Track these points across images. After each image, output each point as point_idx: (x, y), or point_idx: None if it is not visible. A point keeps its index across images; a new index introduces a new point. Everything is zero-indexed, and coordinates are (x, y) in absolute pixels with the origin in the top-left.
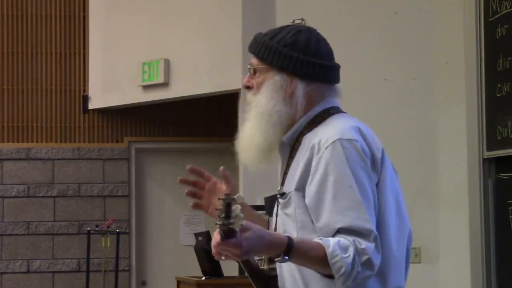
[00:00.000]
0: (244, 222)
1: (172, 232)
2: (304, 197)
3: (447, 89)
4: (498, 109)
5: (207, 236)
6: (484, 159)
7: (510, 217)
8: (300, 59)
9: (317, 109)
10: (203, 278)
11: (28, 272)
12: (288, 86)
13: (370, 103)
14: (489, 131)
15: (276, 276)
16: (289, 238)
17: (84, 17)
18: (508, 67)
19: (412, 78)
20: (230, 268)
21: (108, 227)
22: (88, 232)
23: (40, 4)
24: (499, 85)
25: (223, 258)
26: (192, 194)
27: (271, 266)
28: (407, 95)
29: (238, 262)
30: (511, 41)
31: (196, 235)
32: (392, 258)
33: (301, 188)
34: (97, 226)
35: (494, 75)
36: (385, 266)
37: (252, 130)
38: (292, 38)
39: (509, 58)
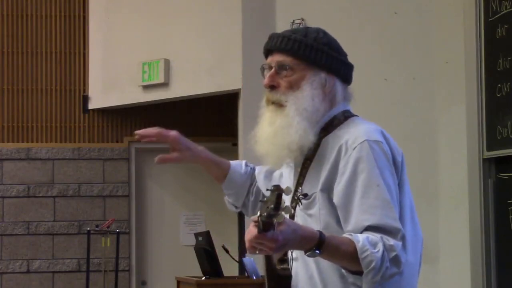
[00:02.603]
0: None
1: (172, 232)
2: (329, 198)
3: (447, 89)
4: (498, 109)
5: (207, 236)
6: (484, 159)
7: (510, 217)
8: (339, 59)
9: (335, 110)
10: (203, 278)
11: (28, 272)
12: (329, 84)
13: (370, 103)
14: (489, 131)
15: (287, 276)
16: (321, 233)
17: (84, 17)
18: (508, 67)
19: (412, 78)
20: (230, 268)
21: (108, 227)
22: (88, 232)
23: (40, 4)
24: (499, 85)
25: (257, 252)
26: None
27: (282, 267)
28: (407, 95)
29: (238, 262)
30: (511, 41)
31: (196, 235)
32: (408, 260)
33: (326, 189)
34: (97, 226)
35: (494, 75)
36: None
37: (299, 129)
38: (326, 38)
39: (509, 58)
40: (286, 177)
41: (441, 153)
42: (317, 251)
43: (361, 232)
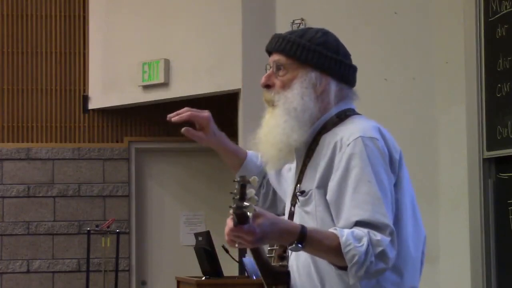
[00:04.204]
0: (257, 209)
1: (172, 232)
2: (325, 194)
3: (447, 89)
4: (498, 109)
5: (207, 236)
6: (484, 159)
7: (510, 217)
8: (334, 58)
9: (335, 109)
10: (203, 278)
11: (28, 272)
12: (321, 84)
13: (370, 103)
14: (489, 131)
15: (285, 272)
16: (302, 226)
17: (84, 17)
18: (508, 67)
19: (412, 78)
20: (230, 268)
21: (108, 227)
22: (88, 232)
23: (40, 4)
24: (499, 85)
25: (236, 245)
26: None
27: (281, 263)
28: (407, 95)
29: (238, 262)
30: (511, 41)
31: (196, 235)
32: (409, 258)
33: (322, 186)
34: (97, 226)
35: (494, 75)
36: (402, 265)
37: (286, 128)
38: (323, 38)
39: (509, 58)
40: (293, 173)
41: (441, 153)
42: (300, 245)
43: (351, 227)
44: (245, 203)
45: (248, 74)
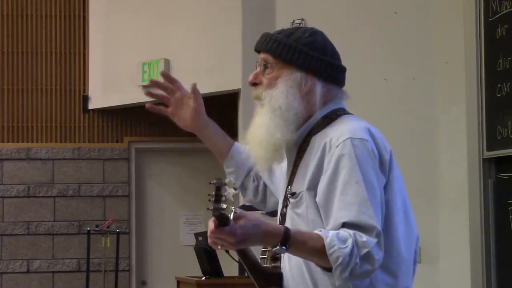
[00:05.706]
0: (238, 210)
1: (172, 232)
2: (315, 196)
3: (447, 89)
4: (498, 109)
5: (207, 236)
6: (484, 159)
7: (510, 217)
8: (320, 59)
9: (325, 110)
10: (203, 278)
11: (28, 272)
12: (306, 84)
13: (370, 103)
14: (489, 131)
15: (278, 274)
16: (286, 228)
17: (84, 17)
18: (508, 67)
19: (412, 78)
20: (230, 268)
21: (108, 227)
22: (88, 232)
23: (40, 4)
24: (499, 85)
25: (219, 247)
26: (155, 96)
27: (273, 265)
28: (407, 95)
29: (238, 262)
30: (511, 41)
31: (196, 235)
32: (402, 259)
33: (312, 187)
34: (97, 226)
35: (494, 75)
36: (395, 266)
37: (270, 126)
38: (310, 38)
39: (509, 58)
40: (284, 171)
41: (441, 153)
42: (284, 247)
43: (339, 229)
44: (222, 205)
45: (248, 74)
